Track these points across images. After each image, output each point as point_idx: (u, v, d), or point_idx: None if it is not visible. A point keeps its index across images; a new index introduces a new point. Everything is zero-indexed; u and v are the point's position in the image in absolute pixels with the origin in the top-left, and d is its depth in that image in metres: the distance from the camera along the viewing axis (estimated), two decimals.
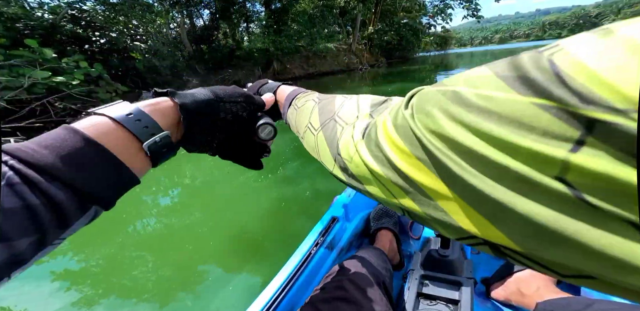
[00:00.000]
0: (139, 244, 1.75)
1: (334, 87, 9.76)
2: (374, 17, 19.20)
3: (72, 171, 0.18)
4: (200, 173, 2.94)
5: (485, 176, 0.11)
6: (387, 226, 0.93)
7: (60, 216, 0.18)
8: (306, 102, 0.36)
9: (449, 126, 0.13)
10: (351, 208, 1.00)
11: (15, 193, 0.16)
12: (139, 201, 2.40)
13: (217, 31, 14.73)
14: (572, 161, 0.09)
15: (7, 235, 0.16)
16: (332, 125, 0.26)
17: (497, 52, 28.15)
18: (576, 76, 0.09)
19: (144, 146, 0.24)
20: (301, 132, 0.33)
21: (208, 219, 1.99)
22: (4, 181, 0.16)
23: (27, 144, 0.18)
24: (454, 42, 42.61)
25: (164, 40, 12.07)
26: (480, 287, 0.78)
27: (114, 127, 0.22)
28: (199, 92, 0.31)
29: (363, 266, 0.62)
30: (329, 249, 0.85)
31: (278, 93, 0.45)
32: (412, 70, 13.76)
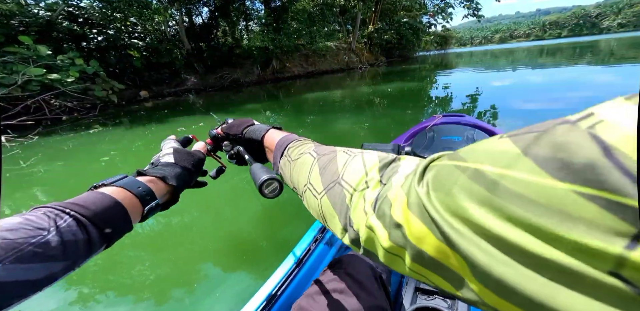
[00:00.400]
0: (136, 243, 1.73)
1: (334, 86, 9.69)
2: (374, 16, 19.11)
3: (104, 219, 0.29)
4: None
5: (521, 265, 0.10)
6: None
7: (90, 248, 0.28)
8: (302, 155, 0.34)
9: (474, 209, 0.12)
10: None
11: (73, 231, 0.26)
12: None
13: (216, 29, 14.63)
14: (630, 257, 0.08)
15: (58, 257, 0.25)
16: (339, 190, 0.25)
17: (497, 51, 28.09)
18: (633, 155, 0.08)
19: (145, 209, 0.34)
20: (299, 190, 0.32)
21: (205, 218, 1.98)
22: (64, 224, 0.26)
23: (81, 201, 0.29)
24: (454, 42, 42.55)
25: (162, 38, 11.97)
26: None
27: (130, 195, 0.33)
28: (180, 172, 0.42)
29: (361, 260, 0.63)
30: (328, 246, 0.86)
31: (266, 138, 0.43)
32: (412, 69, 13.69)
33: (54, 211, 0.27)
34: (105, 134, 5.01)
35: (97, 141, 4.60)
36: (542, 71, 7.88)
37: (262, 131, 0.44)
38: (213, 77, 12.60)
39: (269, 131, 0.44)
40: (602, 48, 15.78)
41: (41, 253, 0.23)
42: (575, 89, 4.68)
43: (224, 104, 8.02)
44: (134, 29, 10.83)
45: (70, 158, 3.78)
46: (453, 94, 5.61)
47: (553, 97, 4.20)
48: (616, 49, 14.06)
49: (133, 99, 9.80)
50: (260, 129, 0.45)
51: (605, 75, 5.97)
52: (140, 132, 5.03)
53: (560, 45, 26.33)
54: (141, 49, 10.16)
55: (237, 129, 0.48)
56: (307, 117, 4.87)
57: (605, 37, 44.41)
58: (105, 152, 3.95)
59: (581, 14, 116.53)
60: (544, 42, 62.61)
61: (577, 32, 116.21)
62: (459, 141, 1.20)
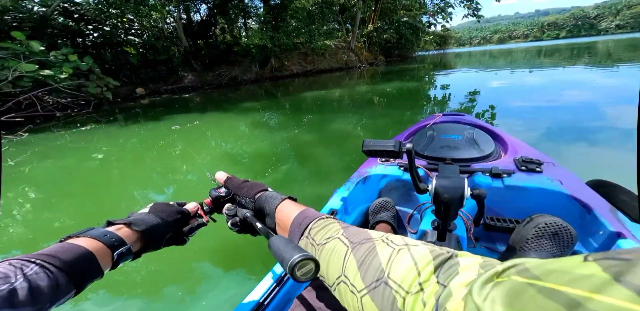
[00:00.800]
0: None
1: (333, 85, 9.63)
2: (373, 15, 19.03)
3: (70, 265, 0.30)
4: (192, 167, 2.83)
5: None
6: (386, 219, 0.92)
7: (58, 293, 0.28)
8: (329, 240, 0.31)
9: None
10: (350, 202, 1.00)
11: (40, 277, 0.27)
12: (130, 197, 2.29)
13: (214, 27, 14.50)
14: None
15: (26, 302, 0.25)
16: (386, 292, 0.22)
17: (496, 52, 28.06)
18: None
19: (115, 255, 0.35)
20: (330, 280, 0.29)
21: None
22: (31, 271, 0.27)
23: (47, 251, 0.31)
24: (453, 42, 42.56)
25: (160, 35, 11.84)
26: None
27: (97, 242, 0.34)
28: (149, 218, 0.42)
29: None
30: None
31: (280, 211, 0.39)
32: (411, 69, 13.65)
33: (20, 261, 0.28)
34: (99, 132, 4.93)
35: (91, 138, 4.52)
36: (540, 72, 7.90)
37: (276, 201, 0.40)
38: (211, 75, 12.49)
39: (284, 202, 0.40)
40: (600, 49, 15.81)
41: (10, 299, 0.24)
42: (572, 90, 4.71)
43: (221, 101, 7.95)
44: (130, 26, 10.70)
45: (61, 155, 3.70)
46: (452, 94, 5.61)
47: (550, 98, 4.24)
48: (613, 50, 14.09)
49: (129, 96, 9.68)
50: (274, 198, 0.41)
51: (601, 76, 6.00)
52: (136, 129, 4.95)
53: (558, 46, 26.39)
54: (138, 45, 10.04)
55: (249, 192, 0.45)
56: (305, 116, 4.82)
57: (603, 38, 44.59)
58: (99, 149, 3.88)
59: (580, 15, 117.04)
60: (542, 43, 62.82)
61: (575, 33, 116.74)
62: (459, 139, 1.19)
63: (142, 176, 2.81)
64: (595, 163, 2.03)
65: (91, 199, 2.39)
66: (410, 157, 0.63)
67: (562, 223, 0.70)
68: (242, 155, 3.09)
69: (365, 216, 1.05)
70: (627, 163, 1.91)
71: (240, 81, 12.94)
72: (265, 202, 0.41)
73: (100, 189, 2.55)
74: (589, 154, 2.18)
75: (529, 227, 0.73)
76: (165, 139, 4.09)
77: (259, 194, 0.43)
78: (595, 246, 0.77)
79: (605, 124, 2.81)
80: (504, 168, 0.99)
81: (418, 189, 0.69)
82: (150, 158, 3.34)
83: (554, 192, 0.86)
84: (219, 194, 0.49)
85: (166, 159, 3.25)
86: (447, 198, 0.64)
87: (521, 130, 2.91)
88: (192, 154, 3.27)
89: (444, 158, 1.09)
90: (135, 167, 3.12)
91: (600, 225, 0.74)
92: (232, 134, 4.04)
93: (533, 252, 0.70)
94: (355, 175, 1.12)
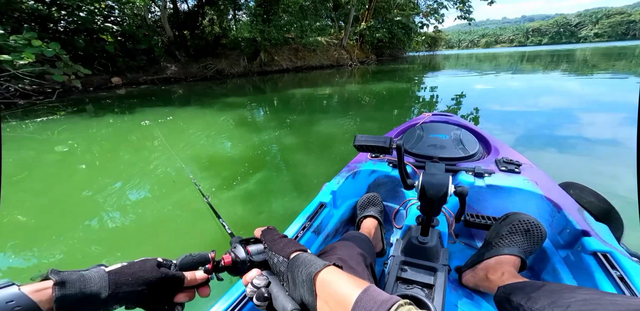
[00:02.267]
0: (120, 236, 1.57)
1: (323, 82, 9.39)
2: (367, 13, 18.84)
3: None
4: (158, 167, 2.55)
5: None
6: (373, 214, 0.95)
7: None
8: None
9: None
10: (339, 195, 1.03)
11: None
12: (87, 196, 2.00)
13: (202, 17, 13.85)
14: None
15: None
16: None
17: (482, 55, 28.64)
18: None
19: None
20: None
21: (192, 201, 1.86)
22: None
23: None
24: (443, 44, 43.10)
25: (142, 24, 11.15)
26: (454, 275, 0.83)
27: None
28: (95, 282, 0.32)
29: (354, 248, 0.63)
30: (316, 234, 0.87)
31: (325, 280, 0.32)
32: (401, 69, 13.60)
33: None
34: (64, 122, 4.51)
35: (53, 128, 4.13)
36: (521, 77, 8.14)
37: (316, 266, 0.33)
38: (196, 67, 11.94)
39: (328, 270, 0.33)
40: (577, 57, 16.42)
41: None
42: (550, 95, 4.97)
43: (204, 94, 7.57)
44: (110, 13, 9.98)
45: (17, 147, 3.32)
46: (439, 96, 5.67)
47: (529, 102, 4.45)
48: (590, 58, 14.69)
49: (103, 85, 9.06)
50: (313, 263, 0.34)
51: (576, 84, 6.31)
52: (102, 122, 4.57)
53: (539, 52, 27.25)
54: (116, 34, 9.39)
55: (284, 248, 0.38)
56: (291, 115, 4.57)
57: (581, 46, 46.70)
58: (62, 141, 3.54)
59: (562, 22, 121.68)
60: (526, 48, 65.00)
61: (556, 40, 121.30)
62: (446, 139, 1.23)
63: (102, 175, 2.52)
64: (567, 166, 2.15)
65: (45, 195, 2.13)
66: (399, 153, 0.65)
67: (534, 221, 0.73)
68: (217, 157, 2.81)
69: (353, 210, 1.07)
70: (597, 166, 2.09)
71: (227, 74, 12.45)
72: (301, 265, 0.35)
73: (57, 187, 2.24)
74: (562, 157, 2.31)
75: (504, 224, 0.76)
76: (132, 134, 3.77)
77: (295, 253, 0.37)
78: (562, 243, 0.79)
79: (578, 129, 2.99)
80: (486, 167, 1.02)
81: (405, 184, 0.71)
82: (111, 156, 3.02)
83: (530, 192, 0.90)
84: (249, 258, 0.39)
85: (130, 157, 2.96)
86: (432, 194, 0.65)
87: (502, 132, 3.02)
88: (159, 153, 2.98)
89: (432, 156, 1.12)
90: (95, 164, 2.81)
91: (568, 223, 0.78)
92: (209, 132, 3.74)
93: (506, 248, 0.72)
94: (346, 170, 1.14)
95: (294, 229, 0.81)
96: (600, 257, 0.65)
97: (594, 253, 0.67)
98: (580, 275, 0.69)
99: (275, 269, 0.38)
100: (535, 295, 0.49)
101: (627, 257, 0.64)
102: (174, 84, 10.46)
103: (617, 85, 5.78)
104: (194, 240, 1.52)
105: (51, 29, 8.08)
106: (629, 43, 46.49)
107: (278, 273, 0.38)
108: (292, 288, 0.35)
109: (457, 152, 1.13)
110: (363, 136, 0.65)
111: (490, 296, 0.67)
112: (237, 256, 0.39)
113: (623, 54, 15.69)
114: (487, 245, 0.78)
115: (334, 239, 0.97)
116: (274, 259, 0.38)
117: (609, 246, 0.67)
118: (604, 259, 0.64)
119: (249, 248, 0.40)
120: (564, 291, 0.46)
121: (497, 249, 0.73)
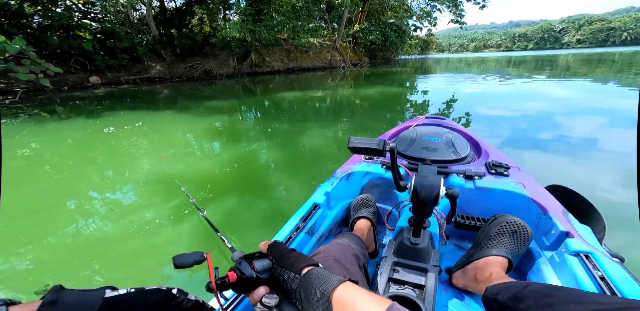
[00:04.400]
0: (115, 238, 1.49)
1: (315, 85, 9.08)
2: (360, 15, 18.71)
3: None
4: (118, 183, 2.17)
5: None
6: (366, 215, 0.95)
7: None
8: None
9: None
10: (333, 197, 1.04)
11: None
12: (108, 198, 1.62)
13: (190, 16, 13.36)
14: None
15: None
16: None
17: (471, 60, 29.10)
18: None
19: None
20: None
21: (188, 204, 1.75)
22: None
23: None
24: (434, 47, 43.60)
25: (124, 21, 10.60)
26: (445, 275, 0.85)
27: None
28: (85, 309, 0.30)
29: (347, 248, 0.65)
30: (309, 235, 0.87)
31: (342, 299, 0.30)
32: (394, 72, 13.47)
33: None
34: (26, 125, 4.08)
35: (15, 131, 3.71)
36: (508, 81, 8.22)
37: (332, 283, 0.32)
38: (182, 67, 11.45)
39: (345, 287, 0.31)
40: (560, 62, 16.81)
41: None
42: (533, 99, 5.10)
43: (192, 95, 7.16)
44: (89, 9, 9.41)
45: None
46: (431, 99, 5.64)
47: (516, 106, 4.54)
48: (572, 64, 15.07)
49: (79, 84, 8.48)
50: (327, 279, 0.33)
51: (559, 88, 6.41)
52: (80, 122, 4.19)
53: (525, 57, 27.93)
54: (95, 30, 8.83)
55: (295, 264, 0.36)
56: (278, 123, 4.21)
57: (564, 52, 48.22)
58: (24, 145, 3.20)
59: (547, 28, 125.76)
60: (512, 53, 66.66)
61: (541, 46, 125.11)
62: (438, 142, 1.24)
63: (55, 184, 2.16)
64: (553, 169, 2.18)
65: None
66: (392, 156, 0.67)
67: (521, 223, 0.75)
68: (187, 172, 2.44)
69: (346, 211, 1.08)
70: (581, 170, 2.13)
71: (215, 74, 12.00)
72: (315, 281, 0.33)
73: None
74: (548, 160, 2.34)
75: (492, 225, 0.78)
76: (92, 141, 3.38)
77: (307, 269, 0.36)
78: (547, 244, 0.80)
79: (562, 133, 3.04)
80: (476, 170, 1.04)
81: (398, 186, 0.73)
82: (84, 162, 2.62)
83: (517, 194, 0.91)
84: (255, 274, 0.37)
85: (107, 164, 2.64)
86: (424, 196, 0.66)
87: (491, 135, 3.06)
88: (142, 159, 2.61)
89: (424, 159, 1.13)
90: (62, 173, 2.44)
91: (552, 225, 0.79)
92: (184, 141, 3.36)
93: (494, 249, 0.73)
94: (340, 171, 1.14)
95: (288, 230, 0.81)
96: (582, 257, 0.66)
97: (576, 253, 0.68)
98: (564, 275, 0.70)
99: (287, 286, 0.36)
100: (520, 295, 0.49)
101: (607, 257, 0.66)
102: (158, 84, 9.94)
103: (598, 90, 5.92)
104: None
105: (23, 24, 7.49)
106: (608, 49, 48.45)
107: (289, 291, 0.36)
108: (305, 306, 0.33)
109: (449, 155, 1.14)
110: (357, 138, 0.66)
111: (479, 297, 0.67)
112: (242, 273, 0.38)
113: (602, 61, 16.15)
114: (476, 246, 0.78)
115: (327, 240, 0.97)
116: (284, 275, 0.36)
117: (591, 247, 0.69)
118: (586, 259, 0.66)
119: (255, 264, 0.39)
120: (547, 291, 0.46)
121: (486, 250, 0.74)
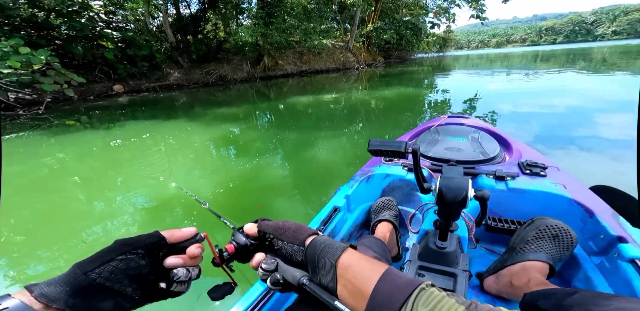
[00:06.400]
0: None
1: (329, 87, 8.93)
2: (374, 14, 18.36)
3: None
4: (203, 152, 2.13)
5: None
6: (388, 218, 0.93)
7: None
8: None
9: None
10: (353, 199, 1.02)
11: None
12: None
13: (205, 22, 13.70)
14: None
15: None
16: None
17: (493, 56, 27.81)
18: None
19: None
20: None
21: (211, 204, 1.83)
22: None
23: None
24: (452, 44, 42.06)
25: (143, 29, 11.01)
26: (475, 281, 0.81)
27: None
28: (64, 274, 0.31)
29: (368, 251, 0.65)
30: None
31: (346, 266, 0.32)
32: (410, 71, 13.04)
33: None
34: (52, 134, 4.28)
35: (41, 141, 3.89)
36: (537, 76, 7.66)
37: (336, 252, 0.33)
38: (198, 73, 11.71)
39: (348, 254, 0.33)
40: (595, 56, 15.58)
41: None
42: (564, 95, 4.72)
43: (208, 101, 7.28)
44: (110, 19, 9.85)
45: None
46: (452, 98, 5.33)
47: (550, 103, 4.24)
48: (608, 56, 13.88)
49: (104, 93, 8.87)
50: (331, 247, 0.33)
51: (595, 83, 5.89)
52: (104, 131, 4.35)
53: (554, 51, 26.29)
54: (116, 40, 9.22)
55: (296, 236, 0.36)
56: (292, 130, 4.11)
57: (598, 44, 45.00)
58: (50, 154, 3.35)
59: (577, 20, 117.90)
60: (539, 47, 63.11)
61: (571, 39, 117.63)
62: (463, 142, 1.20)
63: (93, 189, 2.30)
64: (596, 169, 2.01)
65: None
66: (415, 157, 0.65)
67: (563, 226, 0.70)
68: (201, 181, 2.37)
69: (367, 215, 1.06)
70: (628, 169, 1.93)
71: (229, 79, 12.17)
72: (320, 251, 0.33)
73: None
74: (590, 160, 2.18)
75: (529, 229, 0.74)
76: (124, 147, 3.45)
77: (309, 238, 0.36)
78: (595, 249, 0.76)
79: (604, 130, 2.81)
80: (508, 171, 0.99)
81: (422, 189, 0.71)
82: (102, 170, 2.65)
83: (557, 196, 0.85)
84: (249, 242, 0.40)
85: (122, 171, 2.68)
86: (451, 198, 0.63)
87: (521, 134, 2.86)
88: (153, 169, 2.59)
89: (448, 160, 1.08)
90: (86, 179, 2.57)
91: (601, 229, 0.74)
92: (197, 153, 3.31)
93: (532, 253, 0.70)
94: (359, 174, 1.12)
95: None
96: (639, 264, 0.61)
97: (631, 260, 0.63)
98: (616, 282, 0.64)
99: (292, 259, 0.36)
100: (566, 302, 0.46)
101: None
102: (175, 90, 10.21)
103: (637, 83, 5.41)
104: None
105: (49, 35, 7.94)
106: None
107: (295, 263, 0.36)
108: (313, 275, 0.34)
109: (476, 155, 1.10)
110: (377, 141, 0.66)
111: (515, 303, 0.63)
112: (238, 243, 0.40)
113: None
114: (511, 250, 0.75)
115: (350, 240, 0.94)
116: (287, 248, 0.36)
117: None
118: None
119: (247, 232, 0.41)
120: (599, 299, 0.43)
121: (522, 255, 0.70)
